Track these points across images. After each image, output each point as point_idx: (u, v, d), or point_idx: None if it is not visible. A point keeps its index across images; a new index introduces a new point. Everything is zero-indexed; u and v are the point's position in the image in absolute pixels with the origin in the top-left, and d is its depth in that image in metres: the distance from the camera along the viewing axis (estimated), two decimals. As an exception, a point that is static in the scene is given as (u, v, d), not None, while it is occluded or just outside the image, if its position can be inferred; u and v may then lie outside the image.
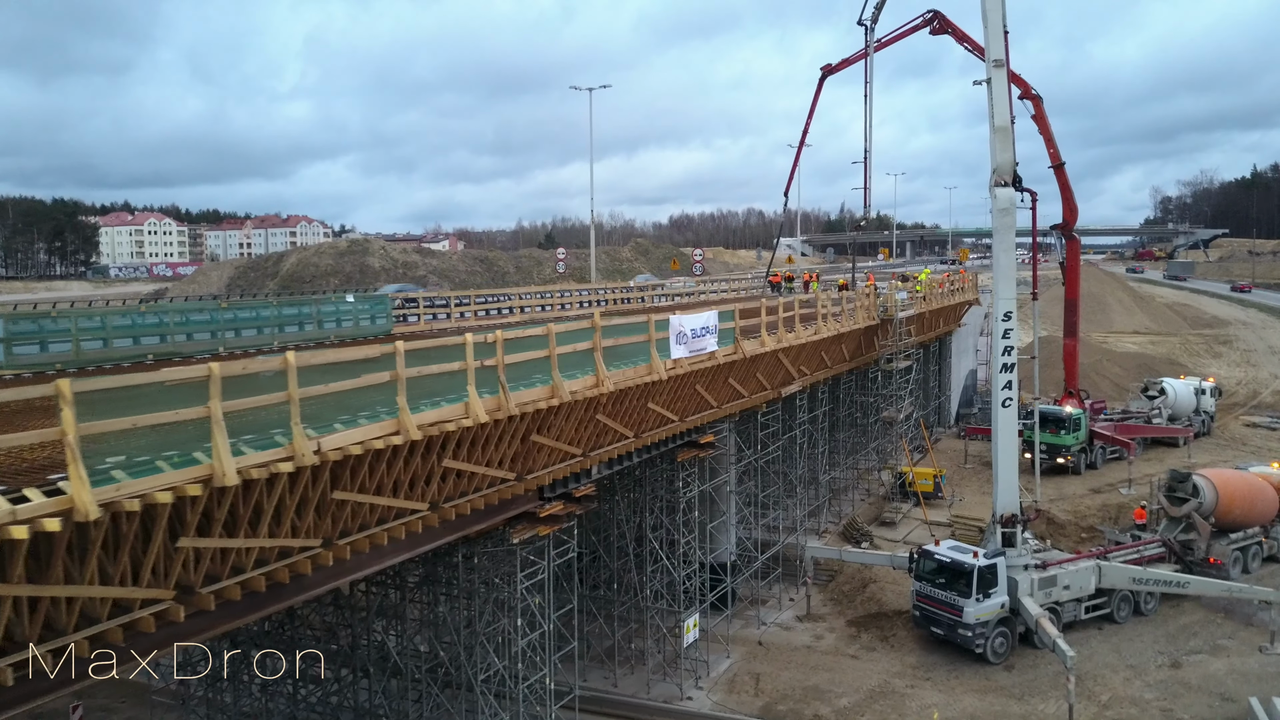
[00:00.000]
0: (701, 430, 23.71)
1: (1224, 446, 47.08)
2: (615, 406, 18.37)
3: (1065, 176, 42.20)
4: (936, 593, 25.09)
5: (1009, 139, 26.18)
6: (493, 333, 14.52)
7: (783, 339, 25.70)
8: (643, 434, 20.30)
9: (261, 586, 11.44)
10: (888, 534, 33.58)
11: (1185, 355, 75.41)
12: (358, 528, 13.01)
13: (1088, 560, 26.57)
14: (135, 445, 10.55)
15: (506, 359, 15.03)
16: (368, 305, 27.97)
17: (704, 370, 21.69)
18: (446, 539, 15.02)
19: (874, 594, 28.92)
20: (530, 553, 16.95)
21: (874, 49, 44.15)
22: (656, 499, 23.24)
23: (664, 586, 23.37)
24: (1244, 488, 30.39)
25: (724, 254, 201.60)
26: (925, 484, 36.74)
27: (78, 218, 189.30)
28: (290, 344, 24.97)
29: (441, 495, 14.50)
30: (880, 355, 34.89)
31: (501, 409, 14.50)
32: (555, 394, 15.74)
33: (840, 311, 30.93)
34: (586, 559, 24.99)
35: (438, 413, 13.32)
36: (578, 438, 17.59)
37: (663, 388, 19.83)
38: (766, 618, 28.00)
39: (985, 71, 26.61)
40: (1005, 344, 26.04)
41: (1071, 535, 34.52)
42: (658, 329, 19.44)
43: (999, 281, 26.35)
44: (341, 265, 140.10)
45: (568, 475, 17.79)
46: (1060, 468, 41.16)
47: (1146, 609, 27.55)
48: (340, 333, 26.39)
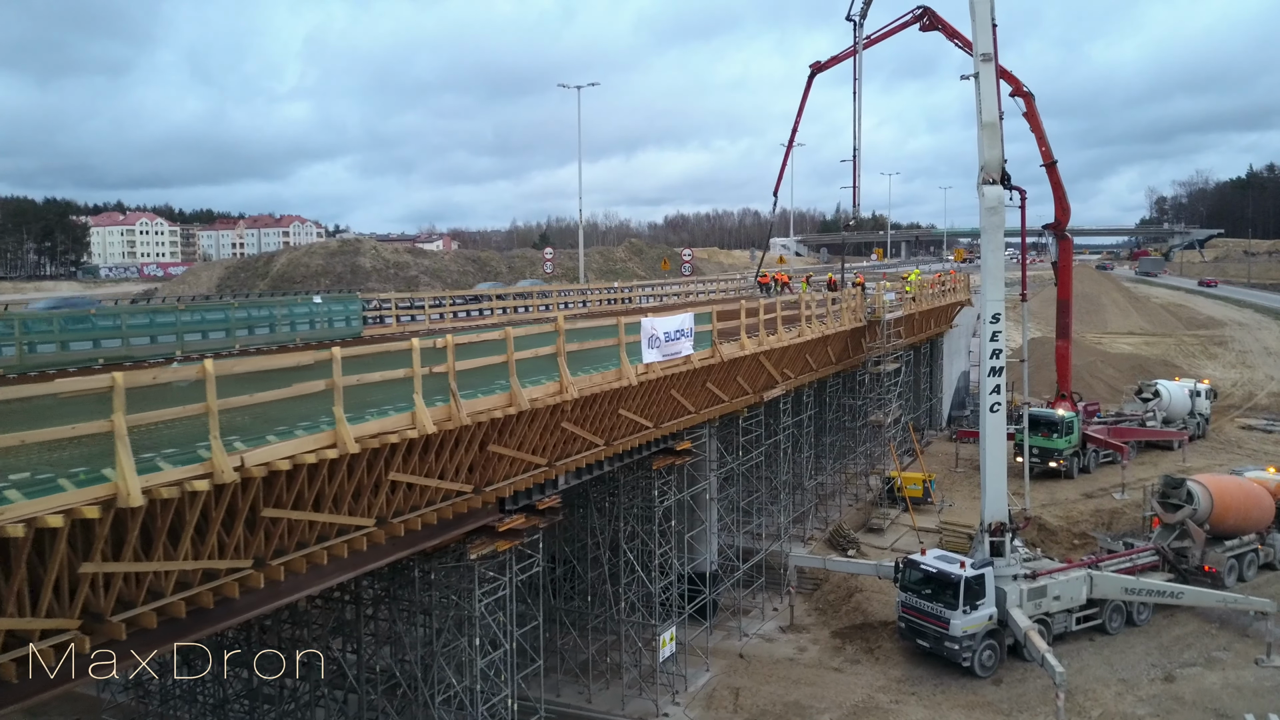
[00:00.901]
0: (678, 436, 22.91)
1: (1219, 450, 46.31)
2: (582, 413, 17.57)
3: (1057, 175, 41.34)
4: (922, 604, 24.28)
5: (997, 135, 25.41)
6: (443, 337, 13.74)
7: (763, 342, 24.91)
8: (614, 441, 19.50)
9: (182, 612, 10.62)
10: (875, 541, 32.74)
11: (1180, 356, 74.70)
12: (295, 546, 12.18)
13: (1079, 570, 25.79)
14: (50, 460, 9.76)
15: (463, 365, 14.24)
16: (340, 306, 27.15)
17: (679, 375, 20.90)
18: (396, 556, 14.19)
19: (860, 604, 28.11)
20: (490, 568, 16.12)
21: (863, 45, 43.45)
22: (631, 508, 22.42)
23: (639, 599, 22.54)
24: (1239, 494, 29.63)
25: (719, 254, 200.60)
26: (914, 489, 35.90)
27: (68, 217, 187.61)
28: (253, 347, 24.23)
29: (390, 510, 13.68)
30: (867, 358, 34.07)
31: (452, 419, 13.69)
32: (513, 402, 14.93)
33: (825, 313, 30.12)
34: (561, 569, 24.19)
35: (380, 423, 12.50)
36: (541, 446, 16.78)
37: (634, 393, 19.04)
38: (749, 629, 27.19)
39: (973, 66, 25.89)
40: (994, 347, 25.23)
41: (1063, 541, 33.76)
42: (629, 332, 18.69)
43: (987, 283, 25.56)
44: (332, 265, 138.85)
45: (531, 486, 16.99)
46: (1052, 472, 40.37)
47: (1139, 619, 26.79)
48: (308, 335, 25.57)
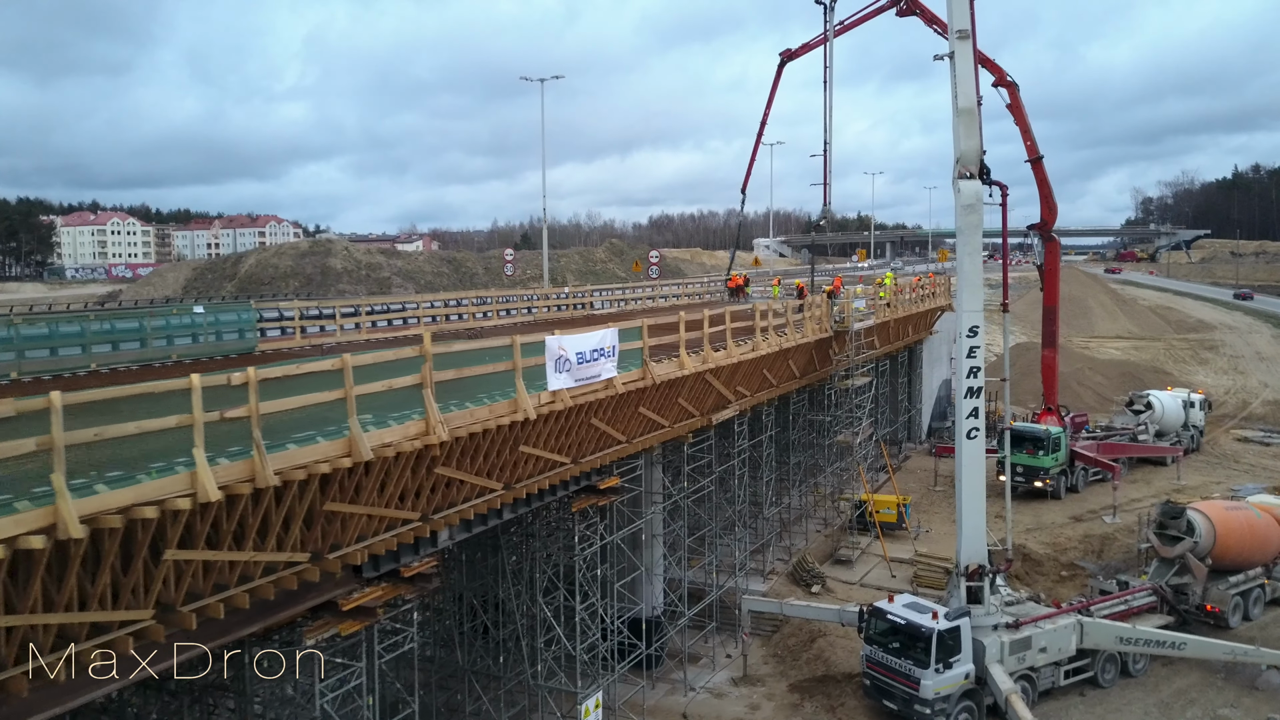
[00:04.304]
0: (605, 472, 19.74)
1: (1215, 465, 43.49)
2: (464, 455, 14.37)
3: (1044, 171, 38.37)
4: (889, 659, 21.16)
5: (975, 123, 22.35)
6: (242, 371, 10.52)
7: (708, 359, 21.76)
8: (516, 484, 16.33)
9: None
10: (843, 575, 29.61)
11: (1170, 362, 72.03)
12: (14, 660, 8.97)
13: (1067, 617, 22.73)
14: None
15: (275, 406, 11.05)
16: (230, 316, 23.82)
17: (601, 401, 17.74)
18: (186, 655, 10.93)
19: (822, 650, 24.99)
20: (337, 654, 12.90)
21: (834, 32, 40.46)
22: (550, 555, 19.22)
23: (559, 660, 19.34)
24: (1244, 524, 26.68)
25: (701, 255, 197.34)
26: (888, 513, 32.82)
27: (34, 217, 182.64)
28: (121, 364, 20.94)
29: (179, 597, 10.47)
30: (835, 371, 30.95)
31: (256, 476, 10.48)
32: (352, 451, 11.72)
33: (785, 323, 26.99)
34: (473, 622, 20.99)
35: (134, 491, 9.27)
36: (411, 498, 13.59)
37: (537, 427, 15.86)
38: (697, 680, 24.05)
39: (949, 45, 22.83)
40: (971, 364, 22.16)
41: (1050, 573, 30.77)
42: (530, 354, 15.54)
43: (964, 290, 22.49)
44: (302, 267, 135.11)
45: (398, 547, 13.78)
46: (1038, 492, 37.38)
47: (1135, 669, 23.81)
48: (189, 351, 22.26)
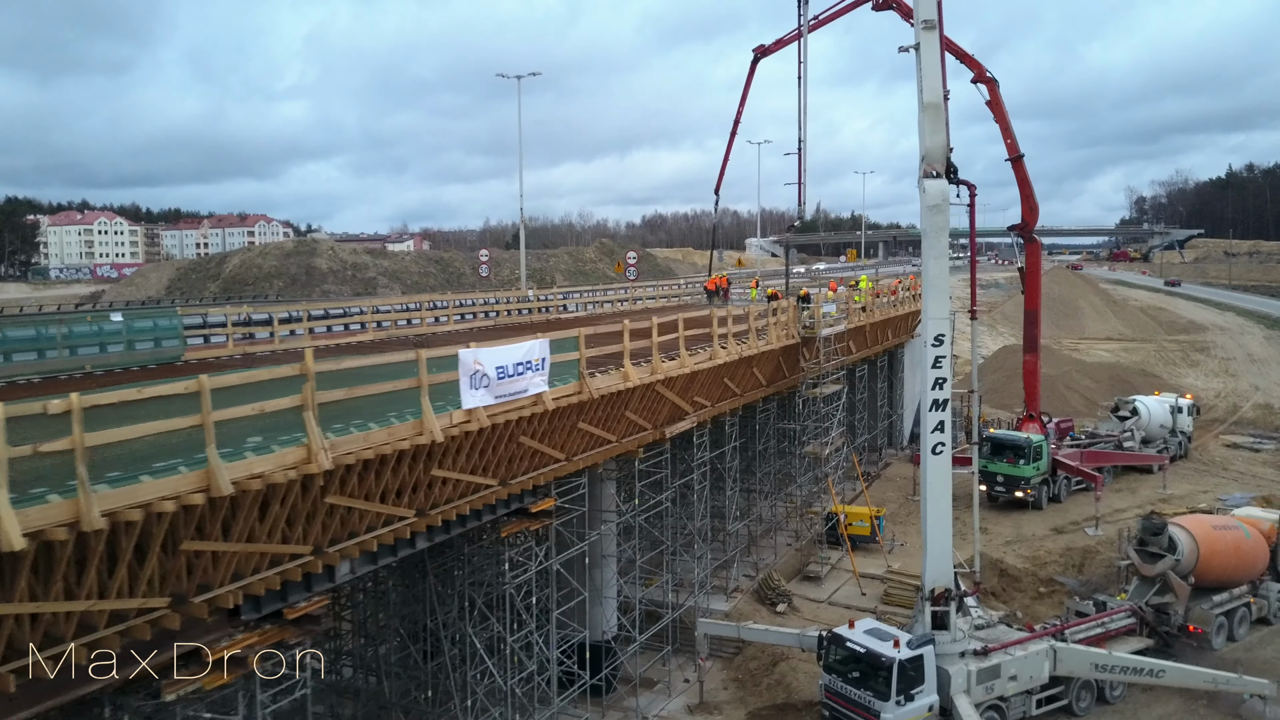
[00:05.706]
0: (542, 492, 18.41)
1: (1203, 472, 42.25)
2: (361, 482, 13.03)
3: (1024, 170, 37.14)
4: (849, 689, 19.85)
5: (941, 118, 21.06)
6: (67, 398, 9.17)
7: (657, 369, 20.44)
8: (431, 510, 15.00)
9: None
10: (811, 592, 28.27)
11: (1160, 364, 70.87)
12: None
13: (1040, 642, 21.43)
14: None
15: (109, 437, 9.71)
16: (149, 324, 22.40)
17: (529, 419, 16.41)
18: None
19: (784, 675, 23.67)
20: (205, 709, 11.55)
21: (809, 27, 39.11)
22: (479, 583, 17.89)
23: (491, 696, 18.01)
24: (1229, 540, 25.45)
25: (693, 255, 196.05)
26: (861, 526, 31.47)
27: (18, 216, 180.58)
28: (22, 377, 19.60)
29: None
30: (804, 379, 29.63)
31: (80, 518, 9.13)
32: (211, 484, 10.38)
33: (747, 330, 25.68)
34: (400, 653, 19.66)
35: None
36: (293, 531, 12.25)
37: (448, 449, 14.53)
38: (650, 709, 22.73)
39: (914, 36, 21.53)
40: (936, 375, 20.82)
41: (1028, 589, 29.50)
42: (438, 369, 14.20)
43: (929, 296, 21.18)
44: (287, 267, 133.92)
45: (284, 585, 12.44)
46: (1019, 502, 36.08)
47: (1112, 696, 22.56)
48: (102, 361, 20.88)
